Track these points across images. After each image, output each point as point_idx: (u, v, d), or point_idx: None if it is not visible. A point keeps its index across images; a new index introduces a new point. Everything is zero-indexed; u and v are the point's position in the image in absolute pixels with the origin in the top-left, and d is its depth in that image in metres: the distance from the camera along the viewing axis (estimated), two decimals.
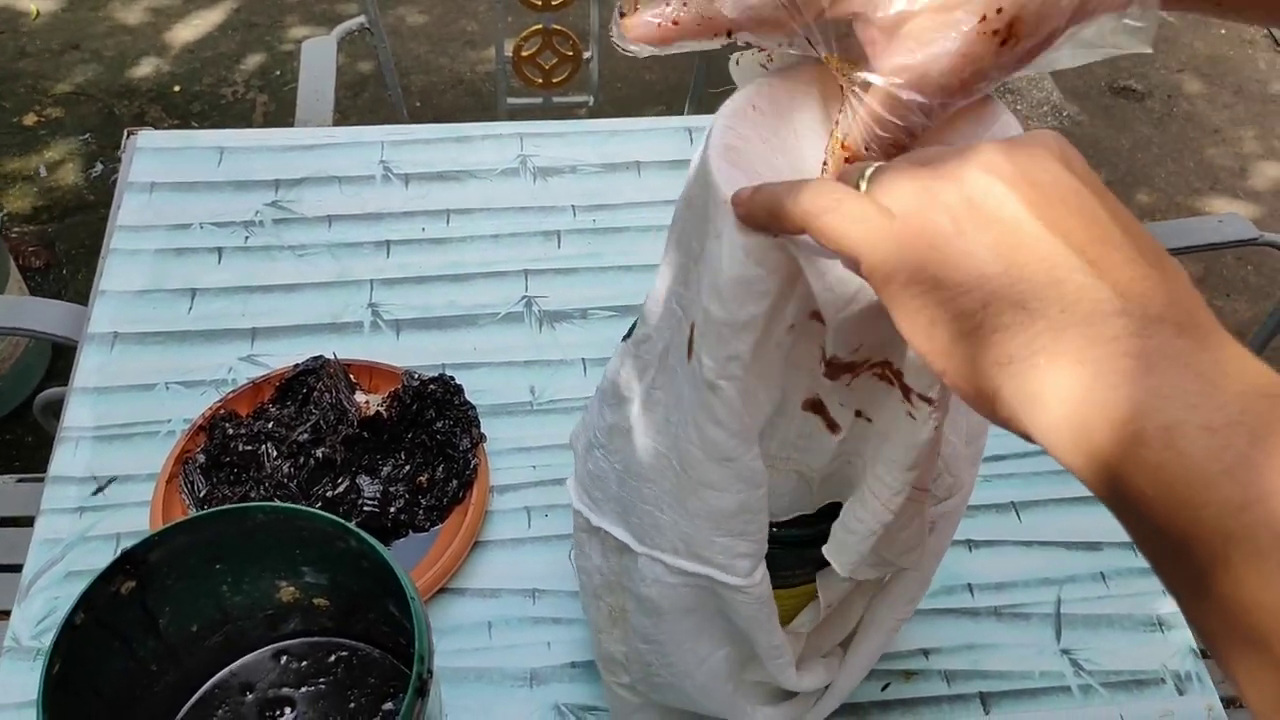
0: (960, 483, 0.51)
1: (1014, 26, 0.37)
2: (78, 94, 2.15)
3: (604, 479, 0.51)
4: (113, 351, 0.83)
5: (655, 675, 0.55)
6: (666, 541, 0.48)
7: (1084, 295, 0.30)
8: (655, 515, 0.48)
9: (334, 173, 0.96)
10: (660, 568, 0.49)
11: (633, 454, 0.48)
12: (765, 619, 0.50)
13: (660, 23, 0.41)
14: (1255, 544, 0.27)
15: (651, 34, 0.41)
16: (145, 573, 0.56)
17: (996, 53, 0.37)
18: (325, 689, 0.64)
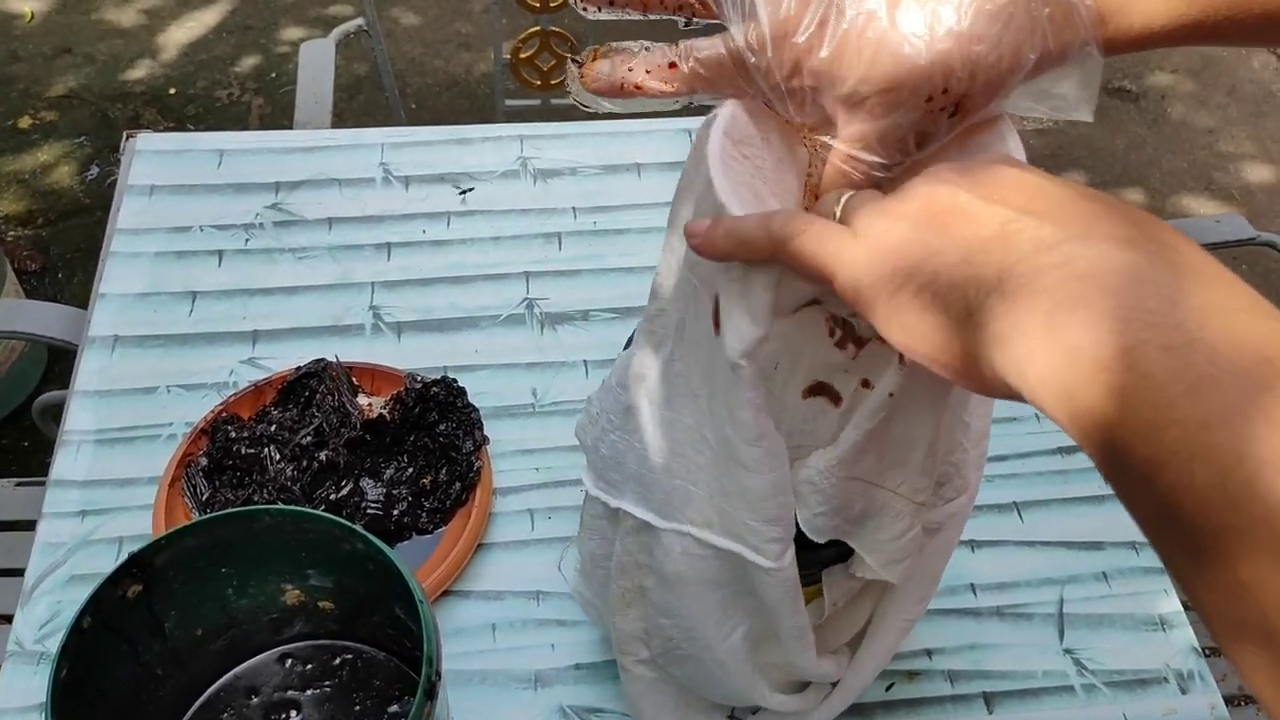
0: (967, 484, 0.52)
1: (961, 104, 0.39)
2: (71, 97, 2.14)
3: (622, 461, 0.51)
4: (113, 355, 0.83)
5: (677, 648, 0.55)
6: (699, 515, 0.49)
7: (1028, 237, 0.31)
8: (687, 489, 0.49)
9: (334, 175, 0.96)
10: (689, 540, 0.49)
11: (656, 429, 0.48)
12: (791, 600, 0.50)
13: (622, 84, 0.42)
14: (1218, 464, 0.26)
15: (611, 90, 0.42)
16: (152, 576, 0.56)
17: (946, 125, 0.40)
18: (330, 692, 0.64)
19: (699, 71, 0.40)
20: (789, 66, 0.39)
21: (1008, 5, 0.37)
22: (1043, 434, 0.82)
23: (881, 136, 0.40)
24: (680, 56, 0.41)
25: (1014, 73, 0.39)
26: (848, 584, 0.53)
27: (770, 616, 0.51)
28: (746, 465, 0.44)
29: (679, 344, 0.46)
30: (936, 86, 0.38)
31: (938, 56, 0.38)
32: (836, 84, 0.39)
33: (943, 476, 0.50)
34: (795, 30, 0.38)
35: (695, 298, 0.44)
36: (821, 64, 0.39)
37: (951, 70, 0.38)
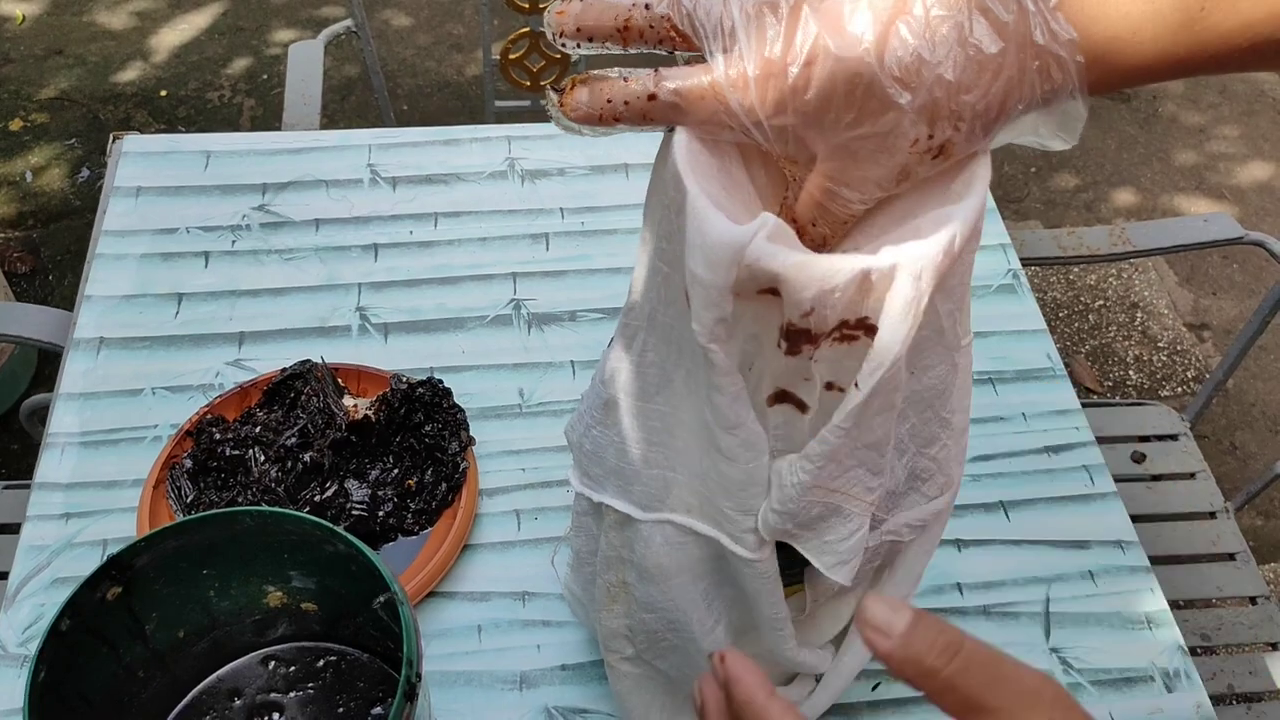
0: (951, 481, 0.52)
1: (945, 148, 0.39)
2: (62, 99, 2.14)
3: (602, 455, 0.51)
4: (99, 357, 0.82)
5: (661, 640, 0.55)
6: (679, 501, 0.49)
7: None
8: (665, 476, 0.48)
9: (321, 176, 0.96)
10: (669, 529, 0.49)
11: (631, 420, 0.48)
12: (770, 590, 0.50)
13: (601, 114, 0.41)
14: None
15: (590, 119, 0.41)
16: (132, 578, 0.56)
17: (929, 165, 0.40)
18: (314, 694, 0.63)
19: (678, 104, 0.39)
20: (773, 105, 0.38)
21: (997, 56, 0.37)
22: (1029, 433, 0.83)
23: (863, 174, 0.40)
24: (660, 87, 0.40)
25: (1000, 120, 0.39)
26: (829, 582, 0.52)
27: (750, 606, 0.51)
28: (723, 452, 0.44)
29: (651, 333, 0.46)
30: (922, 132, 0.38)
31: (925, 105, 0.38)
32: (821, 126, 0.39)
33: (923, 472, 0.50)
34: (780, 70, 0.38)
35: (666, 284, 0.44)
36: (807, 105, 0.38)
37: (938, 117, 0.38)
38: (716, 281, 0.39)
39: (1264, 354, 1.93)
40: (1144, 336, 1.95)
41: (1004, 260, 0.94)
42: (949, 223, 0.39)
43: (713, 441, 0.45)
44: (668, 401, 0.46)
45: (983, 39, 0.37)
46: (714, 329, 0.40)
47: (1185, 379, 1.89)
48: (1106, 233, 1.16)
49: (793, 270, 0.38)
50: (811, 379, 0.43)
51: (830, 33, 0.37)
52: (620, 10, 0.40)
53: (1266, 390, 1.89)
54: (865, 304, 0.39)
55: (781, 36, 0.38)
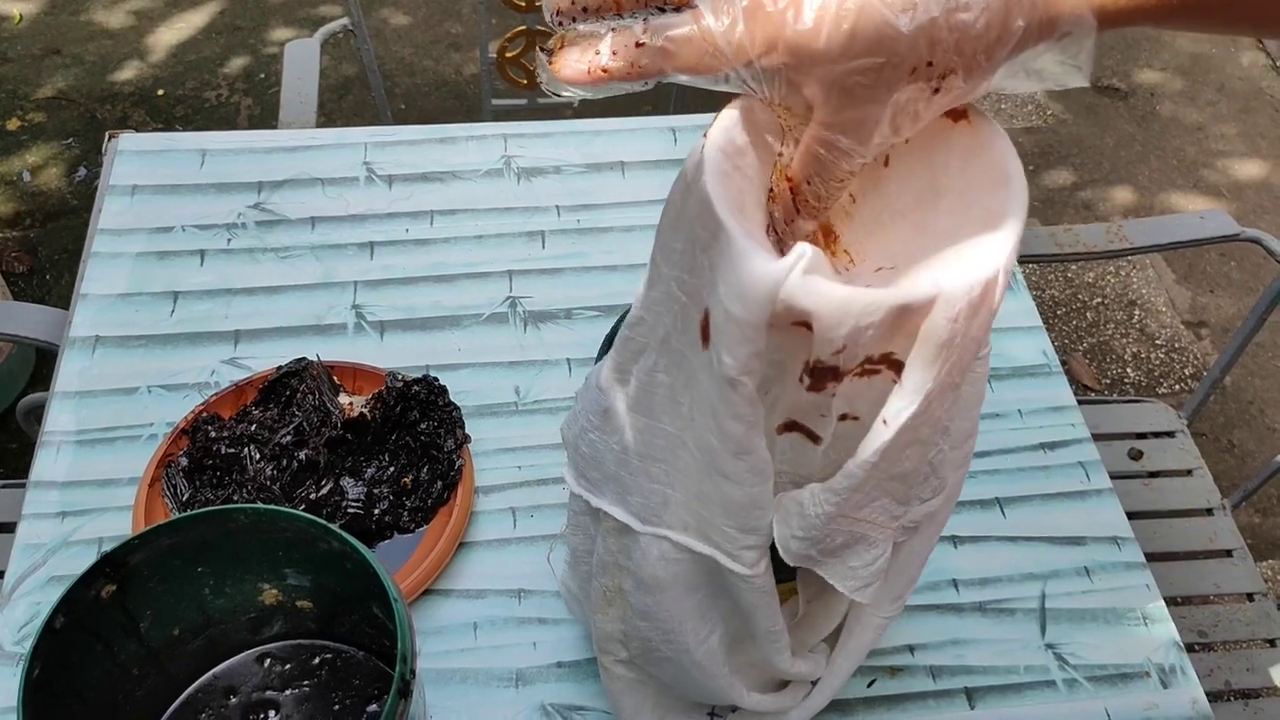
0: (945, 483, 0.51)
1: (945, 79, 0.37)
2: (60, 98, 2.14)
3: (600, 460, 0.51)
4: (94, 355, 0.82)
5: (655, 650, 0.55)
6: (676, 519, 0.48)
7: None
8: (665, 493, 0.48)
9: (317, 174, 0.95)
10: (666, 544, 0.49)
11: (634, 434, 0.48)
12: (766, 604, 0.50)
13: (589, 69, 0.39)
14: None
15: (580, 77, 0.40)
16: (126, 576, 0.56)
17: (929, 101, 0.38)
18: (309, 691, 0.63)
19: (668, 49, 0.38)
20: (763, 42, 0.37)
21: None
22: (1025, 430, 0.83)
23: (861, 120, 0.38)
24: (649, 34, 0.38)
25: (1001, 43, 0.37)
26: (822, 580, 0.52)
27: (746, 619, 0.51)
28: (729, 476, 0.44)
29: (663, 355, 0.45)
30: (921, 58, 0.36)
31: (922, 25, 0.35)
32: (815, 60, 0.37)
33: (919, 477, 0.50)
34: (770, 1, 0.36)
35: (684, 314, 0.43)
36: (799, 36, 0.36)
37: (937, 40, 0.36)
38: (752, 319, 0.38)
39: (1261, 351, 1.93)
40: (1142, 334, 1.95)
41: None
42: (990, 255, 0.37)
43: (716, 465, 0.44)
44: (673, 423, 0.46)
45: None
46: (748, 363, 0.40)
47: (1183, 376, 1.89)
48: (1103, 230, 1.15)
49: (828, 307, 0.37)
50: (828, 415, 0.42)
51: None
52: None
53: (1264, 388, 1.89)
54: (894, 340, 0.38)
55: None
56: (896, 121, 0.38)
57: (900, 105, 0.37)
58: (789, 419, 0.44)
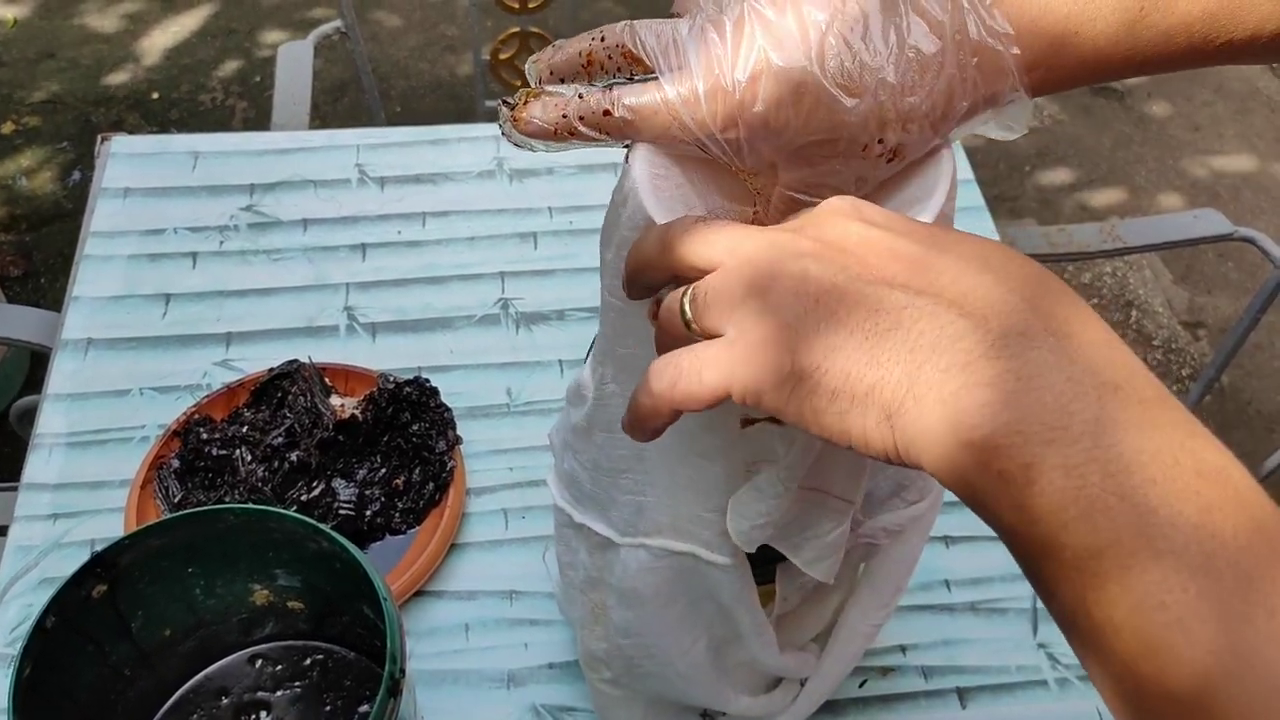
0: (929, 487, 0.52)
1: (898, 151, 0.40)
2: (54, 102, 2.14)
3: (577, 478, 0.52)
4: (86, 357, 0.82)
5: (638, 666, 0.55)
6: (650, 524, 0.49)
7: (925, 326, 0.31)
8: (638, 500, 0.49)
9: (309, 176, 0.96)
10: (643, 553, 0.49)
11: (600, 450, 0.48)
12: (748, 596, 0.50)
13: (556, 129, 0.41)
14: (1104, 591, 0.28)
15: (544, 134, 0.41)
16: (117, 576, 0.56)
17: (887, 168, 0.40)
18: (301, 692, 0.63)
19: (631, 120, 0.40)
20: (724, 119, 0.39)
21: (937, 56, 0.38)
22: None
23: (821, 181, 0.41)
24: (614, 103, 0.40)
25: (947, 120, 0.39)
26: (801, 579, 0.53)
27: (728, 616, 0.51)
28: (703, 454, 0.44)
29: (609, 365, 0.46)
30: (872, 137, 0.39)
31: (871, 109, 0.38)
32: (772, 136, 0.39)
33: (904, 479, 0.50)
34: (727, 85, 0.38)
35: (621, 318, 0.44)
36: (756, 118, 0.38)
37: (886, 122, 0.38)
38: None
39: (1259, 352, 1.93)
40: (1139, 335, 1.95)
41: None
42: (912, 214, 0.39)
43: (691, 447, 0.45)
44: None
45: (921, 40, 0.38)
46: None
47: (1180, 377, 1.89)
48: (1097, 230, 1.16)
49: None
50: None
51: (773, 46, 0.38)
52: (582, 46, 0.41)
53: (1261, 389, 1.89)
54: None
55: (728, 52, 0.38)
56: (857, 184, 0.41)
57: (857, 170, 0.40)
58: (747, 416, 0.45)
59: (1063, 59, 0.39)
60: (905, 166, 0.41)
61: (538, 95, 0.41)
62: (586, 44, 0.41)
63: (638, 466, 0.48)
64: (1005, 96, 0.39)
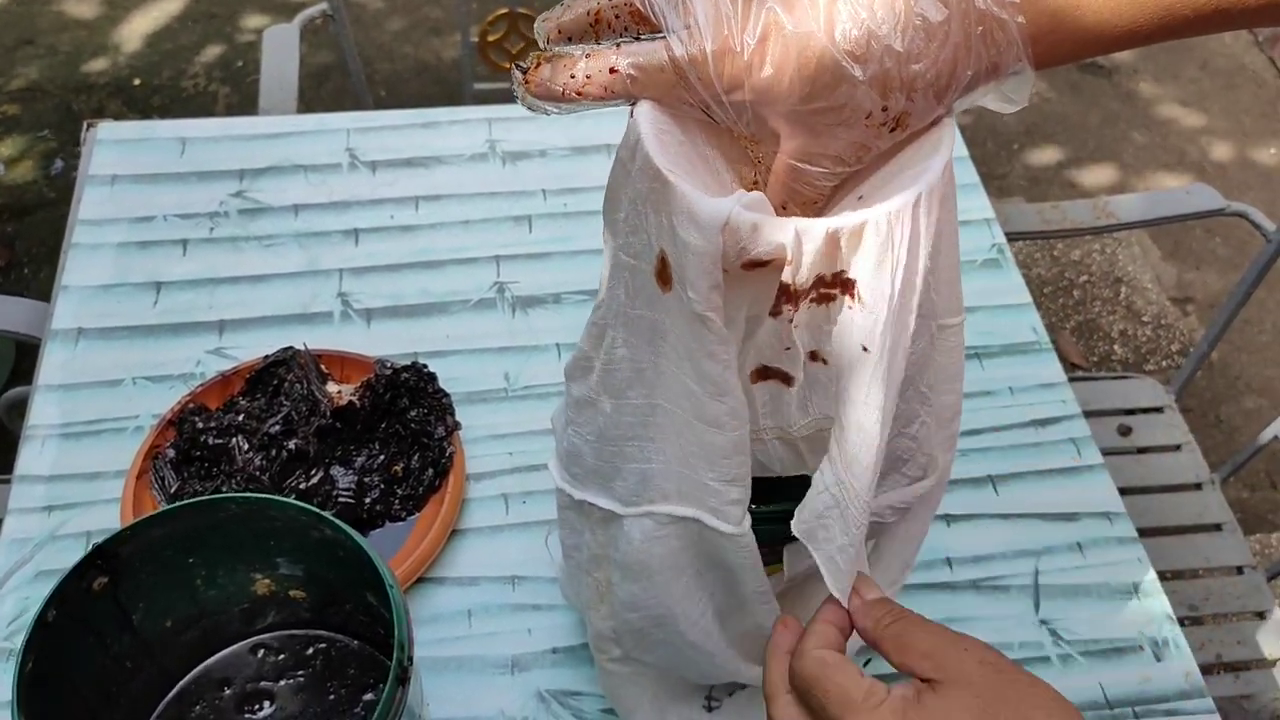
0: (935, 463, 0.51)
1: (900, 119, 0.40)
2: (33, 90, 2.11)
3: (579, 454, 0.51)
4: (77, 347, 0.81)
5: (647, 636, 0.55)
6: (656, 491, 0.48)
7: None
8: (643, 469, 0.48)
9: (299, 161, 0.94)
10: (648, 523, 0.49)
11: (606, 419, 0.48)
12: (752, 564, 0.50)
13: (564, 90, 0.41)
14: None
15: (554, 96, 0.42)
16: (118, 568, 0.55)
17: (888, 137, 0.41)
18: (304, 681, 0.63)
19: (638, 78, 0.40)
20: (730, 81, 0.39)
21: (943, 24, 0.38)
22: (1016, 407, 0.83)
23: (824, 149, 0.41)
24: (622, 60, 0.40)
25: (951, 89, 0.39)
26: (807, 563, 0.52)
27: (733, 583, 0.51)
28: (710, 421, 0.44)
29: (620, 327, 0.46)
30: (876, 104, 0.39)
31: (877, 76, 0.38)
32: (778, 101, 0.39)
33: (904, 452, 0.50)
34: (737, 45, 0.38)
35: (633, 276, 0.44)
36: (763, 81, 0.39)
37: (890, 89, 0.39)
38: (708, 248, 0.39)
39: (1248, 326, 1.94)
40: (1129, 311, 1.95)
41: (988, 234, 0.94)
42: (915, 183, 0.39)
43: (698, 414, 0.45)
44: (639, 394, 0.46)
45: (927, 8, 0.38)
46: (709, 296, 0.41)
47: (1170, 352, 1.90)
48: (1090, 206, 1.16)
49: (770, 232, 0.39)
50: (793, 348, 0.43)
51: (784, 8, 0.38)
52: (590, 5, 0.41)
53: (1250, 363, 1.90)
54: (838, 258, 0.40)
55: (738, 13, 0.38)
56: (858, 153, 0.41)
57: (859, 138, 0.40)
58: (760, 364, 0.45)
59: (1066, 31, 0.39)
60: (906, 137, 0.41)
61: (548, 58, 0.42)
62: (594, 2, 0.41)
63: (644, 434, 0.47)
64: (1009, 67, 0.40)
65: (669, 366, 0.44)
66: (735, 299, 0.42)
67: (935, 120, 0.41)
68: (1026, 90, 0.41)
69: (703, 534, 0.48)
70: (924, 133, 0.41)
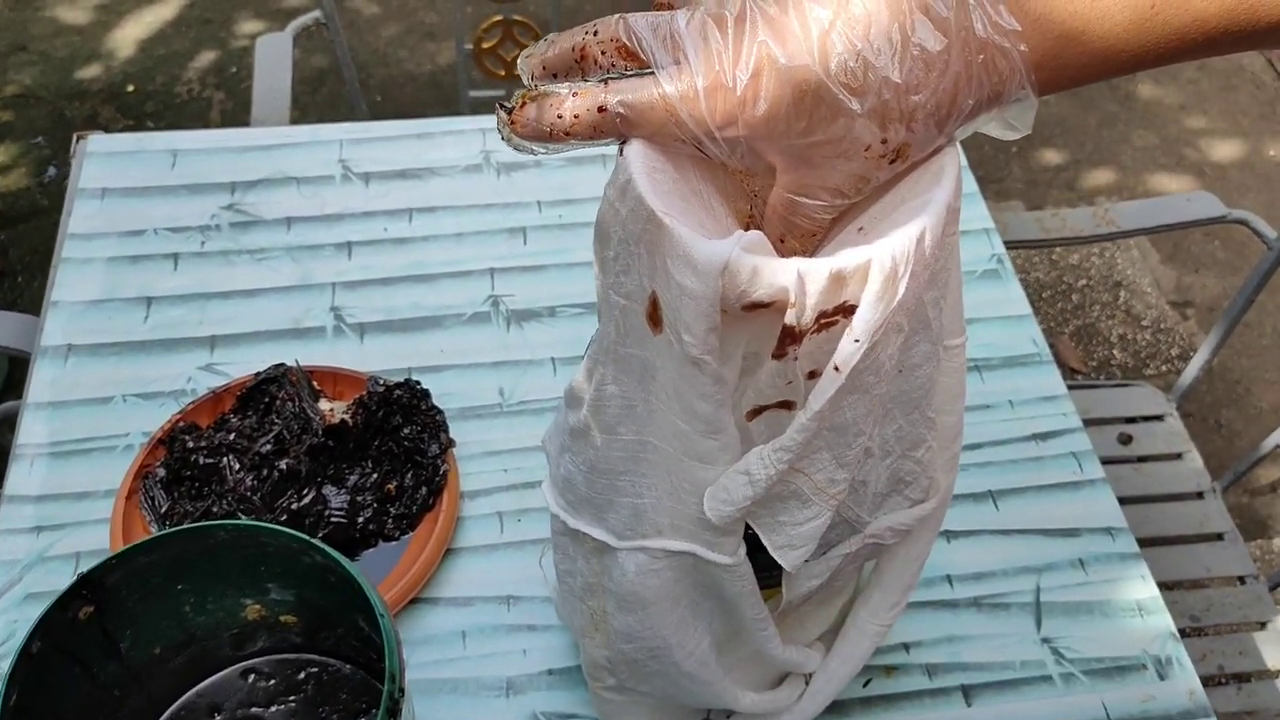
0: (937, 485, 0.51)
1: (901, 151, 0.39)
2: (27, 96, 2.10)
3: (573, 482, 0.50)
4: (67, 364, 0.80)
5: (643, 668, 0.54)
6: (649, 526, 0.48)
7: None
8: (635, 503, 0.48)
9: (292, 173, 0.93)
10: (642, 556, 0.48)
11: (597, 452, 0.47)
12: (750, 592, 0.50)
13: (552, 130, 0.40)
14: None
15: (542, 136, 0.40)
16: (103, 596, 0.54)
17: (889, 169, 0.39)
18: (296, 707, 0.62)
19: (629, 117, 0.39)
20: (723, 117, 0.38)
21: (942, 54, 0.37)
22: (1016, 420, 0.82)
23: (822, 182, 0.40)
24: (610, 97, 0.39)
25: (952, 118, 0.38)
26: (809, 583, 0.52)
27: (731, 612, 0.50)
28: (702, 458, 0.43)
29: (609, 364, 0.45)
30: (876, 136, 0.38)
31: (875, 108, 0.37)
32: (773, 136, 0.38)
33: (907, 475, 0.49)
34: (728, 82, 0.37)
35: (624, 316, 0.43)
36: (757, 117, 0.37)
37: (889, 121, 0.37)
38: (706, 292, 0.38)
39: (1248, 330, 1.93)
40: (1128, 315, 1.95)
41: (988, 245, 0.93)
42: (919, 216, 0.38)
43: (688, 451, 0.44)
44: (630, 429, 0.46)
45: (925, 37, 0.36)
46: (706, 339, 0.39)
47: (1170, 357, 1.89)
48: (1090, 214, 1.15)
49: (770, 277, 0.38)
50: (794, 381, 0.42)
51: (776, 42, 0.37)
52: (575, 41, 0.40)
53: (1251, 367, 1.89)
54: (842, 294, 0.39)
55: (729, 48, 0.37)
56: (858, 185, 0.40)
57: (859, 171, 0.39)
58: (757, 405, 0.44)
59: (1071, 57, 0.38)
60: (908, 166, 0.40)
61: (534, 98, 0.40)
62: (580, 38, 0.40)
63: (635, 469, 0.47)
64: (1011, 95, 0.38)
65: (659, 405, 0.43)
66: (734, 337, 0.41)
67: (936, 149, 0.40)
68: (1030, 117, 0.40)
69: (698, 566, 0.48)
70: (925, 161, 0.40)
